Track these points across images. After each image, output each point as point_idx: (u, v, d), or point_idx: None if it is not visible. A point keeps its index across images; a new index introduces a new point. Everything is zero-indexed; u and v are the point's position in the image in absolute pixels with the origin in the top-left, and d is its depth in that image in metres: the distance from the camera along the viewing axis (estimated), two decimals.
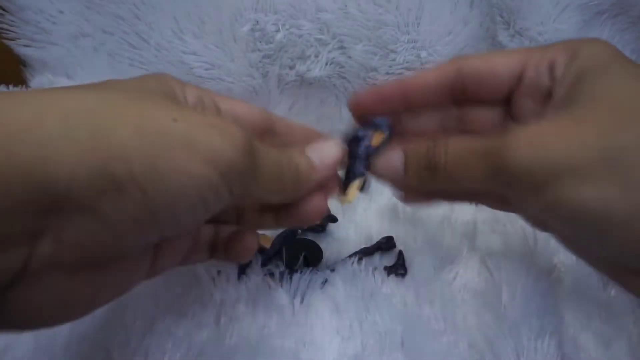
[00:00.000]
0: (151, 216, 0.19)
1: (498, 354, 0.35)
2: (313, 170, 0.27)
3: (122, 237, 0.19)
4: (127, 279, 0.24)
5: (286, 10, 0.51)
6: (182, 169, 0.19)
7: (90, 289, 0.21)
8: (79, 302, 0.21)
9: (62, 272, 0.19)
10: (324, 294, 0.39)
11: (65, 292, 0.19)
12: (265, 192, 0.24)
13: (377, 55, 0.52)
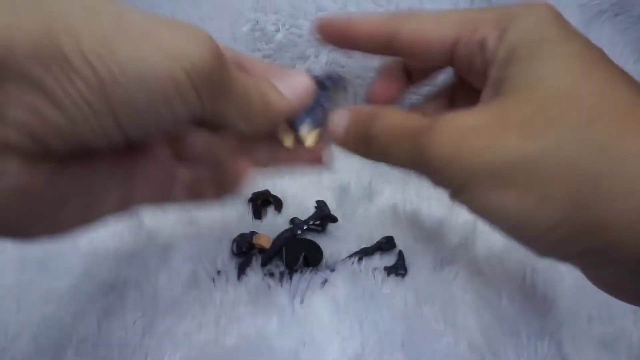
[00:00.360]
0: (107, 103, 0.17)
1: (498, 354, 0.35)
2: (282, 99, 0.26)
3: (78, 124, 0.17)
4: (98, 195, 0.22)
5: (286, 10, 0.51)
6: (140, 56, 0.17)
7: (54, 191, 0.19)
8: (42, 207, 0.19)
9: (18, 159, 0.17)
10: (324, 294, 0.39)
11: (23, 182, 0.18)
12: (235, 114, 0.23)
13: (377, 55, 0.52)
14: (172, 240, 0.43)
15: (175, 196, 0.27)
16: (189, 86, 0.19)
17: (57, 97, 0.17)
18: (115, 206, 0.24)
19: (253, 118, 0.24)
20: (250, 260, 0.41)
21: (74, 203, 0.21)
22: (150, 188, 0.25)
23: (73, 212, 0.21)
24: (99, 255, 0.41)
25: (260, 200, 0.48)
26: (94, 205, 0.23)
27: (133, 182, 0.24)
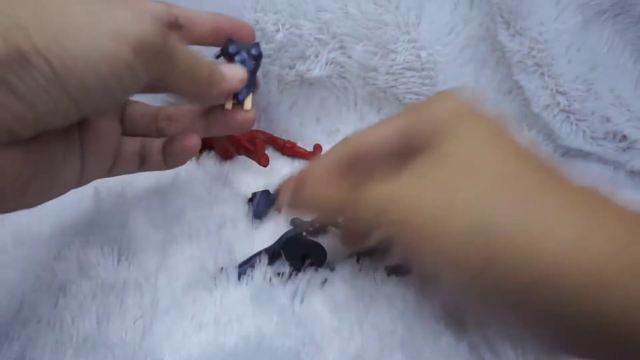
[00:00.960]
0: (64, 91, 0.19)
1: (498, 354, 0.35)
2: (223, 77, 0.28)
3: (40, 112, 0.19)
4: (58, 170, 0.24)
5: (286, 10, 0.51)
6: (87, 44, 0.19)
7: (19, 168, 0.21)
8: (7, 188, 0.21)
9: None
10: (324, 294, 0.39)
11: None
12: (181, 80, 0.24)
13: (377, 55, 0.52)
14: (172, 240, 0.43)
15: (123, 164, 0.30)
16: (137, 62, 0.20)
17: (20, 92, 0.18)
18: (72, 177, 0.26)
19: (197, 84, 0.26)
20: (254, 261, 0.41)
21: (40, 180, 0.23)
22: (100, 158, 0.28)
23: (38, 184, 0.23)
24: (98, 255, 0.41)
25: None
26: (56, 181, 0.25)
27: (85, 153, 0.26)
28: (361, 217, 0.26)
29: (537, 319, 0.22)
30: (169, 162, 0.31)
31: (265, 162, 0.50)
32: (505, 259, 0.21)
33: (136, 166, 0.31)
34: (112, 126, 0.28)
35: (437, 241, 0.23)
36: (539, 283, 0.20)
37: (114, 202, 0.47)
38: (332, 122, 0.58)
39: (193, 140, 0.31)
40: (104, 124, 0.28)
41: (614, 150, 0.53)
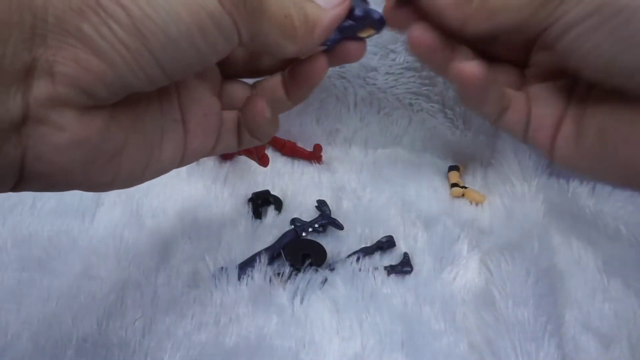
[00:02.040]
0: (143, 42, 0.18)
1: (498, 354, 0.35)
2: (321, 10, 0.24)
3: (118, 65, 0.18)
4: (155, 143, 0.23)
5: None
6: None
7: (111, 136, 0.20)
8: (102, 151, 0.20)
9: (72, 111, 0.18)
10: (324, 294, 0.39)
11: (81, 133, 0.19)
12: (276, 34, 0.22)
13: (377, 55, 0.52)
14: (172, 240, 0.43)
15: (225, 140, 0.27)
16: (223, 13, 0.19)
17: (95, 44, 0.17)
18: (175, 152, 0.24)
19: (293, 37, 0.23)
20: (254, 261, 0.41)
21: (134, 148, 0.22)
22: (204, 132, 0.26)
23: (133, 158, 0.22)
24: (99, 255, 0.41)
25: (260, 200, 0.48)
26: (153, 149, 0.23)
27: (187, 127, 0.25)
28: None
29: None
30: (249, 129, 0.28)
31: (265, 162, 0.50)
32: None
33: (235, 144, 0.28)
34: (214, 97, 0.26)
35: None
36: None
37: None
38: (332, 122, 0.58)
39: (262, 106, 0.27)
40: (205, 94, 0.26)
41: None
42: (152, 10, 0.17)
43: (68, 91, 0.17)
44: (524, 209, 0.48)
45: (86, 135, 0.19)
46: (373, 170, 0.55)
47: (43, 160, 0.18)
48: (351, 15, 0.25)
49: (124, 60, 0.18)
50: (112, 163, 0.21)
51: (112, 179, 0.22)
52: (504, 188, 0.51)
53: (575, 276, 0.42)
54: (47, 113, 0.18)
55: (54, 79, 0.17)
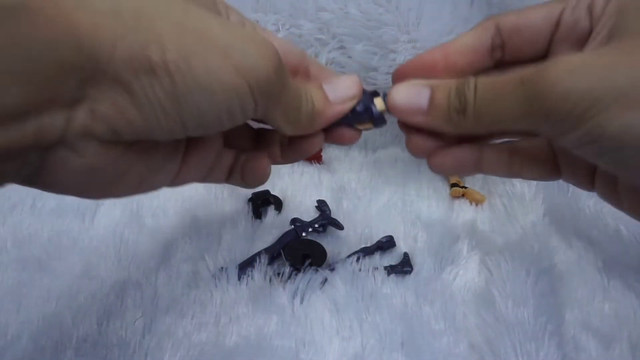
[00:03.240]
0: (177, 107, 0.20)
1: (498, 354, 0.35)
2: (327, 105, 0.27)
3: (149, 120, 0.20)
4: (153, 171, 0.25)
5: (286, 10, 0.51)
6: (212, 71, 0.20)
7: (119, 166, 0.22)
8: (107, 176, 0.22)
9: (96, 143, 0.20)
10: (324, 294, 0.39)
11: (96, 161, 0.21)
12: (283, 119, 0.25)
13: (377, 55, 0.52)
14: (172, 240, 0.43)
15: (215, 175, 0.30)
16: (249, 98, 0.21)
17: (138, 99, 0.20)
18: (166, 181, 0.27)
19: (297, 123, 0.26)
20: (254, 261, 0.41)
21: (132, 177, 0.24)
22: (199, 169, 0.28)
23: (130, 184, 0.24)
24: (99, 255, 0.41)
25: (260, 200, 0.48)
26: (149, 179, 0.25)
27: (186, 163, 0.27)
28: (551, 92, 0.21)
29: None
30: (244, 179, 0.31)
31: None
32: None
33: (223, 179, 0.31)
34: (216, 140, 0.29)
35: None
36: None
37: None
38: None
39: (265, 165, 0.30)
40: (211, 140, 0.28)
41: None
42: (194, 85, 0.20)
43: (101, 127, 0.20)
44: (524, 209, 0.48)
45: (100, 163, 0.21)
46: (373, 170, 0.55)
47: (55, 176, 0.21)
48: (352, 110, 0.27)
49: (157, 118, 0.20)
50: (109, 185, 0.23)
51: (103, 194, 0.24)
52: (504, 188, 0.51)
53: (575, 276, 0.42)
54: (76, 140, 0.20)
55: (94, 115, 0.20)
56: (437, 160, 0.29)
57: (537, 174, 0.29)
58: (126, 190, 0.25)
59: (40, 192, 0.49)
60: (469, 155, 0.29)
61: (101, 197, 0.25)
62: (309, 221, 0.46)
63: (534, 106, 0.22)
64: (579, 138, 0.22)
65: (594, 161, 0.23)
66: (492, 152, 0.29)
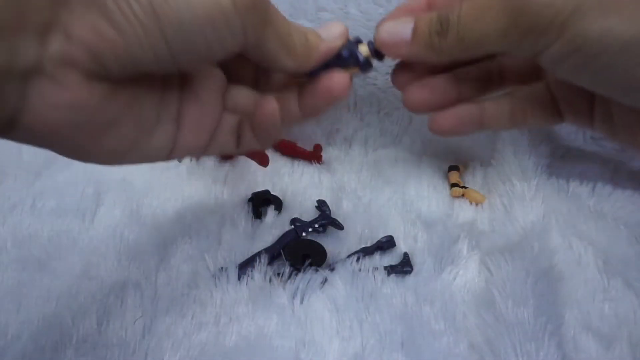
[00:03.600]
0: (157, 24, 0.19)
1: (498, 354, 0.34)
2: (319, 40, 0.27)
3: (130, 40, 0.19)
4: (147, 131, 0.24)
5: (286, 10, 0.51)
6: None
7: (107, 109, 0.21)
8: (95, 120, 0.21)
9: (78, 73, 0.19)
10: (324, 294, 0.39)
11: (81, 95, 0.20)
12: (277, 49, 0.24)
13: None
14: (172, 240, 0.43)
15: (220, 141, 0.28)
16: (233, 12, 0.20)
17: (114, 17, 0.19)
18: (164, 142, 0.25)
19: (293, 54, 0.25)
20: (253, 261, 0.41)
21: (125, 126, 0.22)
22: (197, 129, 0.27)
23: (120, 136, 0.23)
24: (99, 255, 0.41)
25: (260, 200, 0.48)
26: (143, 133, 0.24)
27: (182, 120, 0.26)
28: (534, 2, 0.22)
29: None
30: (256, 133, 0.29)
31: (265, 162, 0.50)
32: None
33: (233, 145, 0.29)
34: (214, 97, 0.27)
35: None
36: None
37: None
38: (332, 122, 0.58)
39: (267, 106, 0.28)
40: (207, 93, 0.27)
41: (614, 150, 0.53)
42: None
43: (81, 54, 0.19)
44: (524, 209, 0.48)
45: (84, 99, 0.20)
46: (373, 170, 0.55)
47: (38, 114, 0.19)
48: (338, 55, 0.28)
49: (137, 35, 0.19)
50: (98, 134, 0.22)
51: (93, 149, 0.22)
52: (504, 188, 0.51)
53: (575, 276, 0.42)
54: (55, 70, 0.19)
55: (70, 40, 0.19)
56: (439, 121, 0.29)
57: (540, 118, 0.29)
58: (116, 147, 0.23)
59: (40, 192, 0.49)
60: (470, 111, 0.29)
61: (87, 154, 0.23)
62: (309, 221, 0.46)
63: (518, 20, 0.23)
64: (561, 49, 0.22)
65: (577, 80, 0.24)
66: (492, 105, 0.29)
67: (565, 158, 0.57)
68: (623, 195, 0.52)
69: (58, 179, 0.49)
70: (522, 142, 0.54)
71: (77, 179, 0.48)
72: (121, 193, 0.47)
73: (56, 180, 0.48)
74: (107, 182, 0.49)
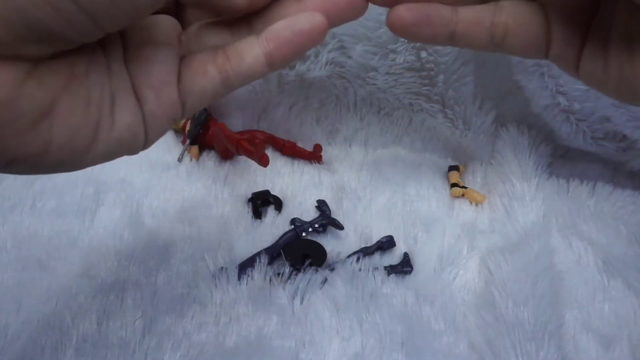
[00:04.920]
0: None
1: (498, 354, 0.35)
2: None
3: (21, 5, 0.15)
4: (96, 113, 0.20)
5: None
6: None
7: (27, 102, 0.17)
8: (13, 120, 0.17)
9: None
10: (324, 294, 0.39)
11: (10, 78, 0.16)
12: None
13: (377, 55, 0.52)
14: (172, 240, 0.43)
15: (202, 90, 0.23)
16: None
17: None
18: (130, 120, 0.21)
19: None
20: (252, 260, 0.41)
21: (66, 113, 0.19)
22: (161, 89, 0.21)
23: (69, 124, 0.19)
24: (99, 255, 0.41)
25: (260, 200, 0.48)
26: (99, 119, 0.20)
27: (139, 85, 0.21)
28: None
29: None
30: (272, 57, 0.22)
31: (265, 162, 0.50)
32: None
33: (219, 84, 0.22)
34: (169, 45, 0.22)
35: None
36: None
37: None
38: (332, 122, 0.58)
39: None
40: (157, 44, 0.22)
41: (614, 150, 0.53)
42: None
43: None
44: (524, 209, 0.48)
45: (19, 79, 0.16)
46: (373, 170, 0.55)
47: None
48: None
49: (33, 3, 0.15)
50: (36, 128, 0.18)
51: (42, 148, 0.18)
52: (504, 188, 0.51)
53: (575, 276, 0.42)
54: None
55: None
56: (402, 12, 0.22)
57: (523, 41, 0.23)
58: (72, 139, 0.19)
59: (40, 192, 0.49)
60: (442, 11, 0.23)
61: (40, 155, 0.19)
62: (309, 221, 0.46)
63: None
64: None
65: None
66: (470, 11, 0.23)
67: (565, 158, 0.57)
68: (623, 195, 0.52)
69: (58, 179, 0.49)
70: (522, 142, 0.54)
71: (77, 179, 0.48)
72: (121, 193, 0.47)
73: (56, 180, 0.48)
74: (107, 182, 0.49)
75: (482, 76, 0.54)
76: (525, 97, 0.53)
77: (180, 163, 0.53)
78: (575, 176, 0.54)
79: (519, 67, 0.51)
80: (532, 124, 0.56)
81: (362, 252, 0.43)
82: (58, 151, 0.19)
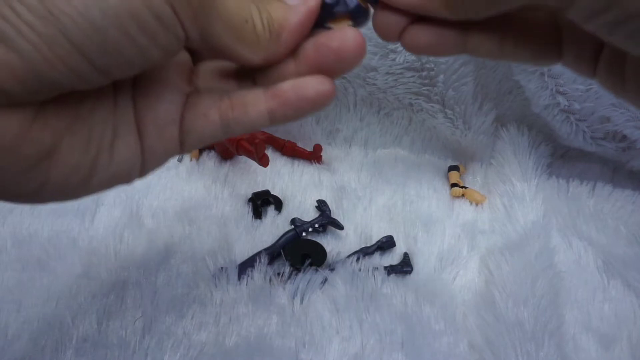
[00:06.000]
0: (59, 28, 0.15)
1: (498, 354, 0.35)
2: (288, 10, 0.20)
3: (34, 61, 0.15)
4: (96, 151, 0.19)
5: None
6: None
7: (31, 146, 0.17)
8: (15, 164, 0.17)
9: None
10: (324, 294, 0.39)
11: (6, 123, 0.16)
12: (231, 41, 0.19)
13: (377, 55, 0.52)
14: (172, 240, 0.43)
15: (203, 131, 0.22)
16: (165, 7, 0.16)
17: (3, 34, 0.15)
18: (128, 156, 0.21)
19: (258, 43, 0.20)
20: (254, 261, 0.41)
21: (67, 153, 0.18)
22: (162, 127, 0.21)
23: (68, 164, 0.18)
24: (99, 255, 0.41)
25: (260, 200, 0.48)
26: (98, 156, 0.20)
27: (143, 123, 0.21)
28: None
29: None
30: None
31: (265, 162, 0.50)
32: None
33: (219, 129, 0.22)
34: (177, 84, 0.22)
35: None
36: None
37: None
38: (332, 122, 0.58)
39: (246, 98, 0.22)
40: (165, 82, 0.22)
41: (614, 150, 0.53)
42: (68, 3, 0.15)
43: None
44: (524, 209, 0.48)
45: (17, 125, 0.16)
46: (373, 170, 0.55)
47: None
48: (321, 5, 0.21)
49: (37, 49, 0.15)
50: (34, 170, 0.18)
51: (37, 188, 0.18)
52: (504, 188, 0.51)
53: (575, 276, 0.42)
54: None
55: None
56: (416, 34, 0.22)
57: (534, 52, 0.23)
58: (68, 178, 0.19)
59: None
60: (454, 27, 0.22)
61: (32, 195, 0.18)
62: (309, 221, 0.46)
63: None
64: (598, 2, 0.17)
65: (608, 37, 0.19)
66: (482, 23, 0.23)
67: (565, 158, 0.57)
68: (623, 195, 0.52)
69: None
70: (522, 142, 0.54)
71: None
72: (121, 193, 0.47)
73: None
74: None
75: (482, 76, 0.54)
76: (525, 97, 0.53)
77: (180, 163, 0.53)
78: (575, 176, 0.54)
79: (518, 67, 0.51)
80: (532, 124, 0.56)
81: (362, 252, 0.43)
82: (52, 190, 0.19)
